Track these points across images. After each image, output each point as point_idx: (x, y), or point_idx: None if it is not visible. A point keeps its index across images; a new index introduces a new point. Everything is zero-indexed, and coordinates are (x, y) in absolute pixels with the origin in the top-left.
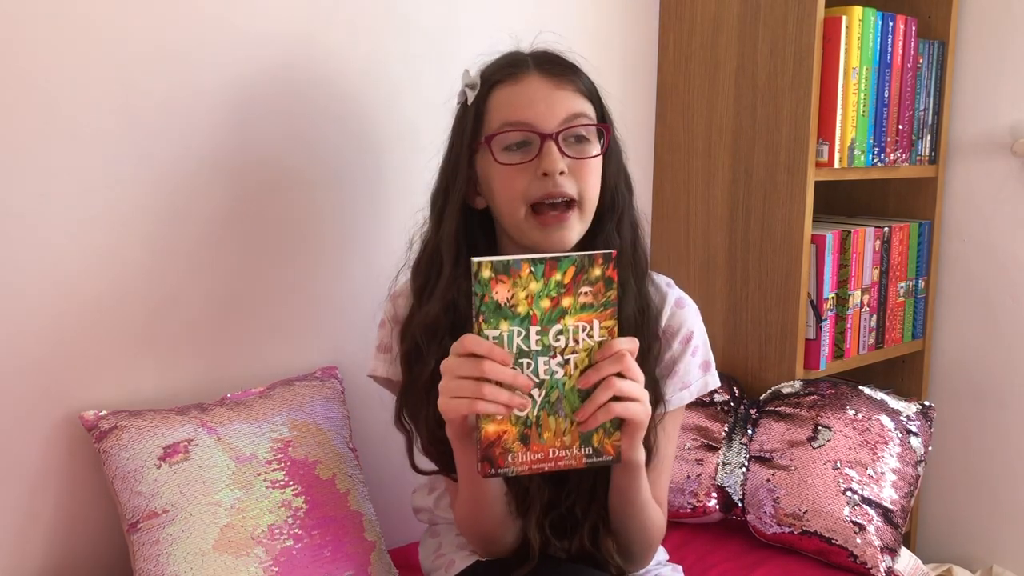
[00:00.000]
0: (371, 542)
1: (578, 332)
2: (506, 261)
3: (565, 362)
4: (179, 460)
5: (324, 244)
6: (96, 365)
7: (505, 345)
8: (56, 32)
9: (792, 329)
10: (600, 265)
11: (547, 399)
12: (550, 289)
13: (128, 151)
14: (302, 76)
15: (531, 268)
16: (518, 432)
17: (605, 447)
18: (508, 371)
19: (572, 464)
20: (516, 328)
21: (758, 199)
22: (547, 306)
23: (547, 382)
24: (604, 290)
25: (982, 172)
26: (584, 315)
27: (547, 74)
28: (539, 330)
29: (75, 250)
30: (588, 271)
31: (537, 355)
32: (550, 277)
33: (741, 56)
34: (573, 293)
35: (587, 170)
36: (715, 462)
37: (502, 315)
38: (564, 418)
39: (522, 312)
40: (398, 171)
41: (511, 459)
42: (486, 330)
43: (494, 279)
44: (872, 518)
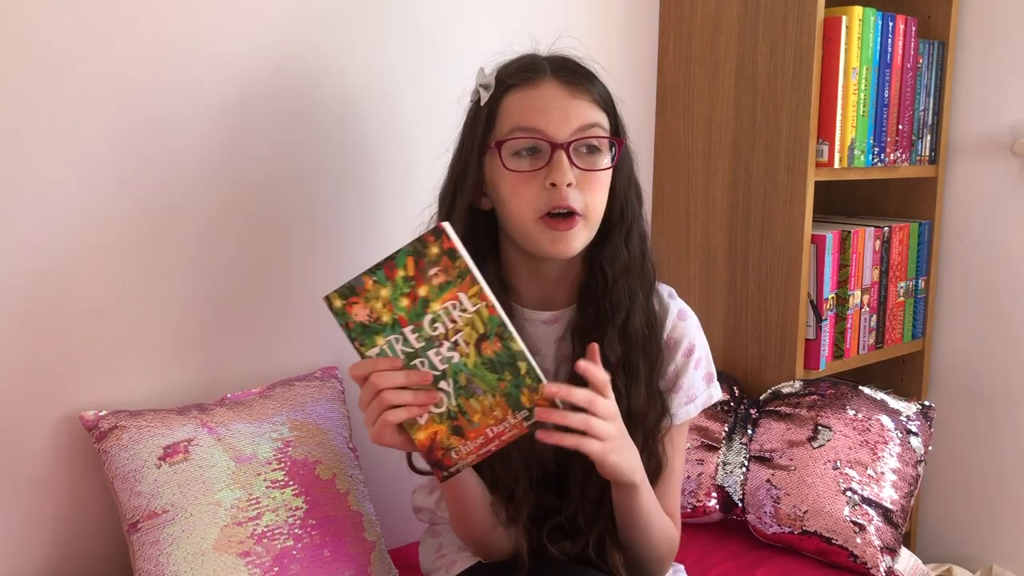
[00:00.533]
0: (371, 542)
1: (450, 312)
2: (350, 283)
3: (455, 344)
4: (179, 460)
5: (324, 244)
6: (96, 365)
7: (388, 356)
8: (55, 32)
9: (792, 329)
10: (433, 243)
11: (458, 385)
12: (400, 287)
13: (128, 151)
14: (302, 76)
15: (373, 278)
16: (448, 428)
17: (538, 403)
18: (398, 374)
19: (516, 433)
20: (391, 337)
21: (758, 199)
22: (407, 304)
23: (448, 370)
24: (451, 263)
25: (982, 172)
26: (446, 294)
27: (564, 81)
28: (413, 328)
29: (75, 250)
30: (426, 254)
31: (425, 351)
32: (394, 277)
33: (741, 56)
34: (424, 280)
35: (596, 182)
36: (715, 462)
37: (372, 332)
38: (484, 394)
39: (388, 320)
40: (398, 171)
41: (455, 455)
42: (367, 352)
43: (347, 304)
44: (872, 518)
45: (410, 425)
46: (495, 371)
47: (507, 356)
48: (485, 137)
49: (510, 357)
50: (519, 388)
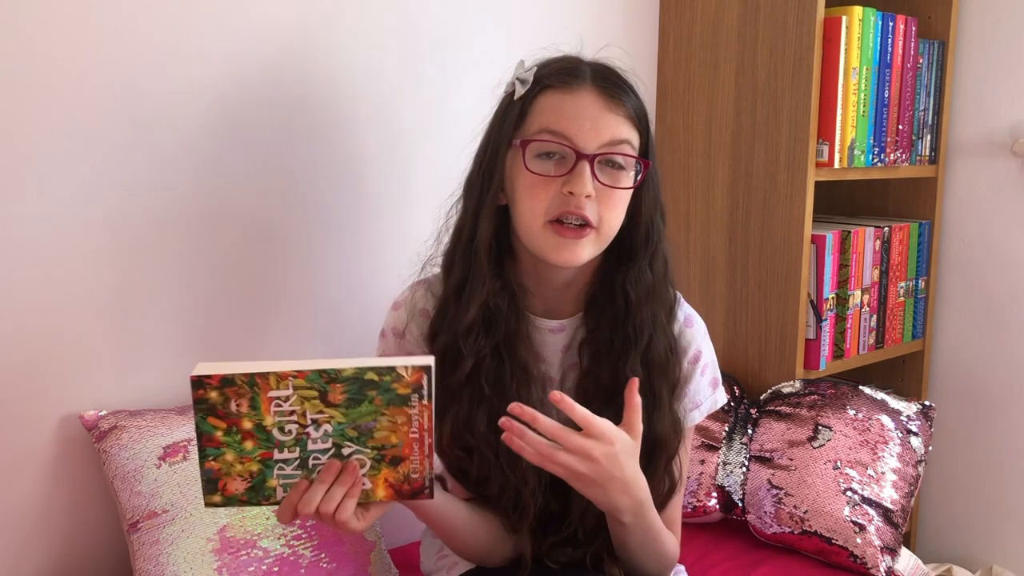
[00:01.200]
0: (371, 542)
1: (282, 410)
2: (205, 479)
3: (315, 422)
4: (179, 460)
5: (324, 244)
6: (96, 365)
7: (281, 488)
8: (52, 33)
9: (792, 329)
10: (205, 393)
11: (355, 438)
12: (233, 439)
13: (127, 152)
14: (302, 76)
15: (211, 458)
16: (389, 468)
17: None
18: (311, 493)
19: (428, 414)
20: (276, 471)
21: (758, 199)
22: (251, 443)
23: (335, 439)
24: (233, 391)
25: (982, 172)
26: (263, 405)
27: (601, 92)
28: (277, 448)
29: (74, 250)
30: (209, 407)
31: (305, 448)
32: (217, 442)
33: (741, 56)
34: (238, 417)
35: (615, 199)
36: (715, 462)
37: (260, 485)
38: (376, 422)
39: (256, 468)
40: (396, 172)
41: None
42: (276, 498)
43: (222, 495)
44: (872, 518)
45: (364, 497)
46: (360, 403)
47: (354, 386)
48: (514, 132)
49: (357, 383)
50: (391, 389)
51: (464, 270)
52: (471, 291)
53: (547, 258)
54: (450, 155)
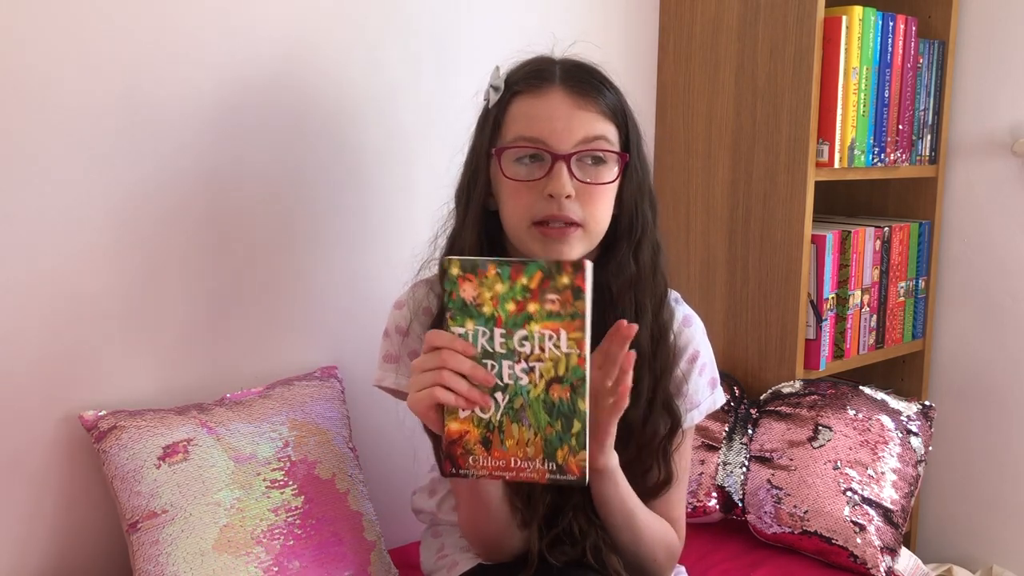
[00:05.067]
0: (371, 542)
1: (544, 340)
2: (474, 261)
3: (530, 369)
4: (178, 460)
5: (324, 243)
6: (96, 365)
7: (470, 342)
8: (54, 33)
9: (792, 329)
10: (568, 273)
11: (511, 405)
12: (516, 292)
13: (128, 151)
14: (302, 76)
15: (497, 269)
16: (480, 435)
17: (569, 465)
18: (467, 361)
19: (534, 478)
20: (481, 328)
21: (758, 199)
22: (512, 309)
23: (511, 387)
24: (572, 299)
25: (982, 172)
26: (550, 323)
27: (571, 91)
28: (504, 332)
29: (74, 250)
30: (556, 278)
31: (502, 358)
32: (516, 280)
33: (741, 56)
34: (539, 299)
35: (597, 195)
36: (715, 462)
37: (468, 313)
38: (528, 428)
39: (487, 312)
40: (397, 172)
41: (472, 461)
42: (452, 327)
43: (461, 277)
44: (872, 518)
45: (449, 411)
46: (550, 415)
47: (568, 409)
48: (492, 141)
49: (571, 411)
50: (562, 442)
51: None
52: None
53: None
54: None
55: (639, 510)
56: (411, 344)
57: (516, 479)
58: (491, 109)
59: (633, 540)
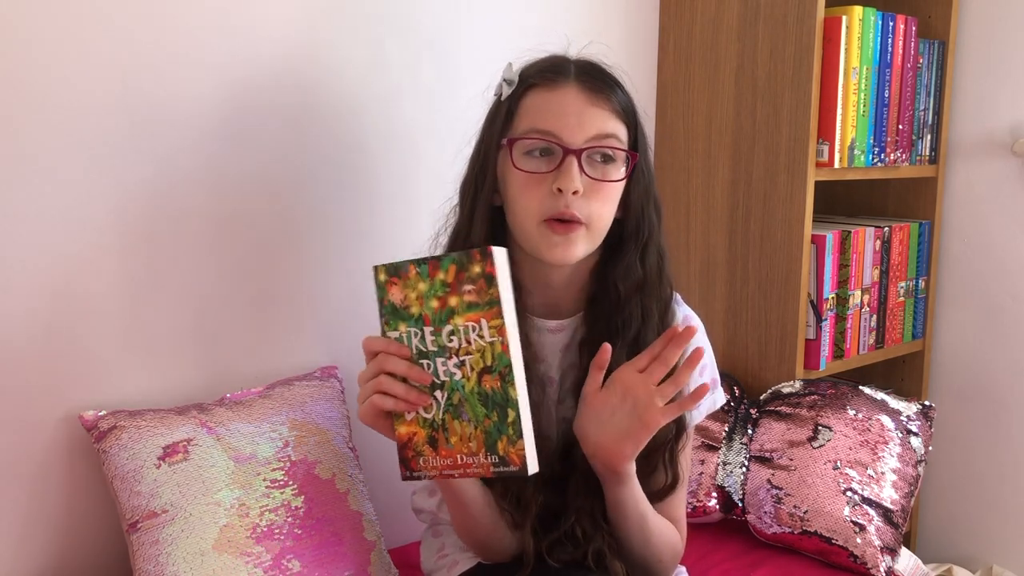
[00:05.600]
0: (371, 542)
1: (468, 332)
2: (396, 264)
3: (461, 363)
4: (178, 460)
5: (324, 243)
6: (96, 365)
7: (404, 344)
8: (55, 33)
9: (792, 329)
10: (478, 262)
11: (450, 401)
12: (436, 289)
13: (128, 152)
14: (301, 76)
15: (417, 269)
16: (427, 435)
17: (510, 456)
18: (402, 363)
19: (480, 472)
20: (412, 329)
21: (758, 199)
22: (436, 306)
23: (447, 383)
24: (486, 287)
25: (982, 172)
26: (471, 314)
27: (585, 87)
28: (432, 330)
29: (74, 250)
30: (468, 269)
31: (435, 356)
32: (435, 276)
33: (741, 56)
34: (457, 292)
35: (605, 193)
36: (715, 462)
37: (399, 316)
38: (468, 423)
39: (415, 313)
40: (397, 171)
41: (422, 463)
42: (387, 332)
43: (388, 281)
44: (872, 518)
45: (397, 416)
46: (485, 406)
47: (501, 398)
48: (503, 133)
49: (504, 400)
50: (500, 433)
51: None
52: None
53: (543, 257)
54: (450, 154)
55: (649, 512)
56: None
57: (465, 475)
58: (503, 102)
59: (643, 542)
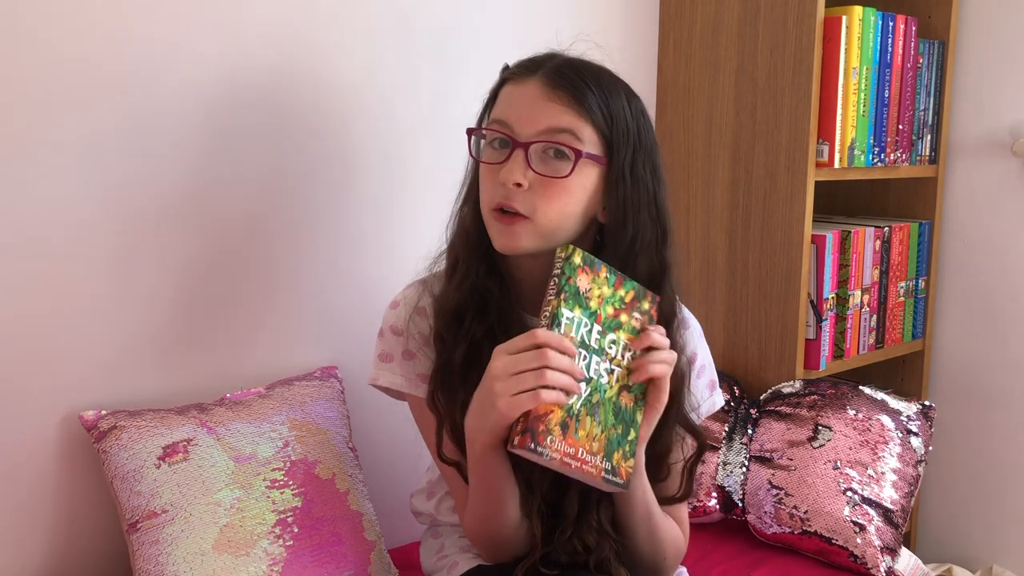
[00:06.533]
0: (371, 542)
1: (624, 349)
2: (592, 258)
3: (611, 371)
4: (178, 460)
5: (324, 244)
6: (96, 365)
7: (574, 329)
8: (55, 33)
9: (792, 329)
10: (649, 301)
11: (589, 398)
12: (615, 300)
13: (128, 151)
14: (300, 76)
15: (607, 274)
16: (561, 417)
17: (621, 469)
18: (568, 360)
19: (592, 473)
20: (584, 319)
21: (758, 199)
22: (610, 312)
23: (593, 382)
24: (647, 324)
25: (982, 172)
26: (632, 337)
27: (548, 82)
28: (600, 330)
29: (74, 251)
30: (641, 301)
31: (593, 352)
32: (617, 290)
33: (741, 56)
34: (629, 313)
35: (552, 189)
36: (715, 462)
37: (578, 302)
38: (598, 424)
39: (593, 307)
40: (397, 171)
41: (549, 441)
42: (563, 308)
43: (581, 268)
44: (872, 518)
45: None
46: (616, 417)
47: (629, 417)
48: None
49: (631, 420)
50: (619, 446)
51: (456, 253)
52: (461, 271)
53: (495, 245)
54: (448, 155)
55: (656, 509)
56: (406, 343)
57: (579, 470)
58: (488, 96)
59: (648, 535)
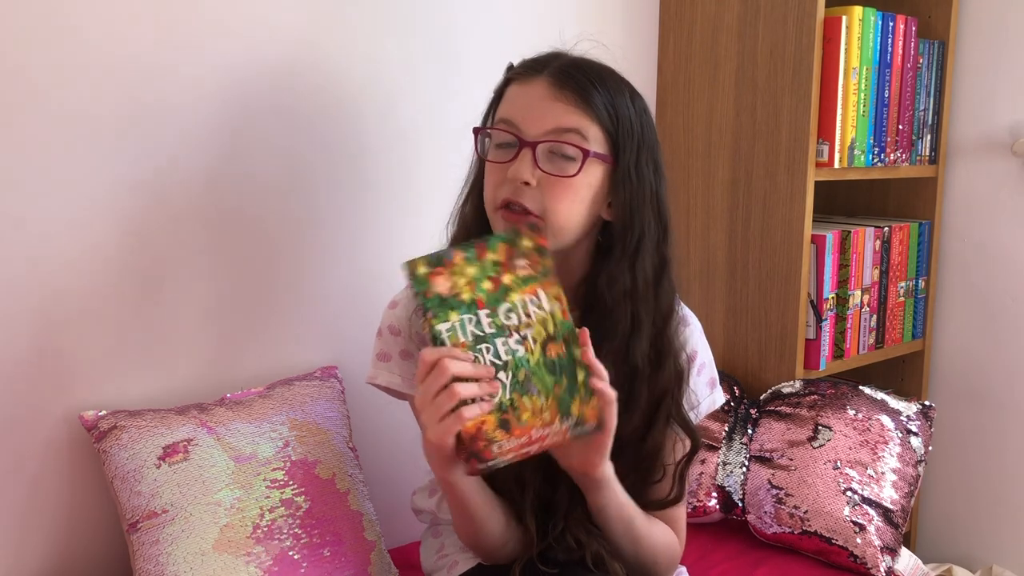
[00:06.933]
0: (371, 542)
1: (527, 305)
2: (437, 254)
3: (523, 339)
4: (179, 460)
5: (324, 244)
6: (96, 365)
7: (458, 334)
8: (55, 33)
9: (792, 329)
10: (528, 236)
11: (515, 379)
12: (488, 269)
13: (129, 152)
14: (301, 77)
15: (464, 254)
16: (496, 420)
17: (586, 414)
18: (468, 365)
19: (557, 440)
20: (466, 316)
21: (758, 199)
22: (490, 287)
23: (511, 362)
24: (539, 259)
25: (982, 172)
26: (528, 287)
27: (555, 82)
28: (488, 312)
29: (75, 251)
30: (518, 244)
31: (493, 337)
32: (484, 258)
33: (741, 56)
34: (510, 268)
35: (561, 188)
36: (715, 462)
37: (448, 306)
38: (538, 395)
39: (467, 299)
40: (398, 172)
41: (496, 449)
42: (436, 324)
43: (431, 273)
44: (872, 518)
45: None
46: (554, 374)
47: (568, 362)
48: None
49: (571, 363)
50: (572, 395)
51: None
52: None
53: None
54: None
55: (637, 516)
56: (404, 343)
57: (542, 450)
58: (493, 95)
59: (632, 545)
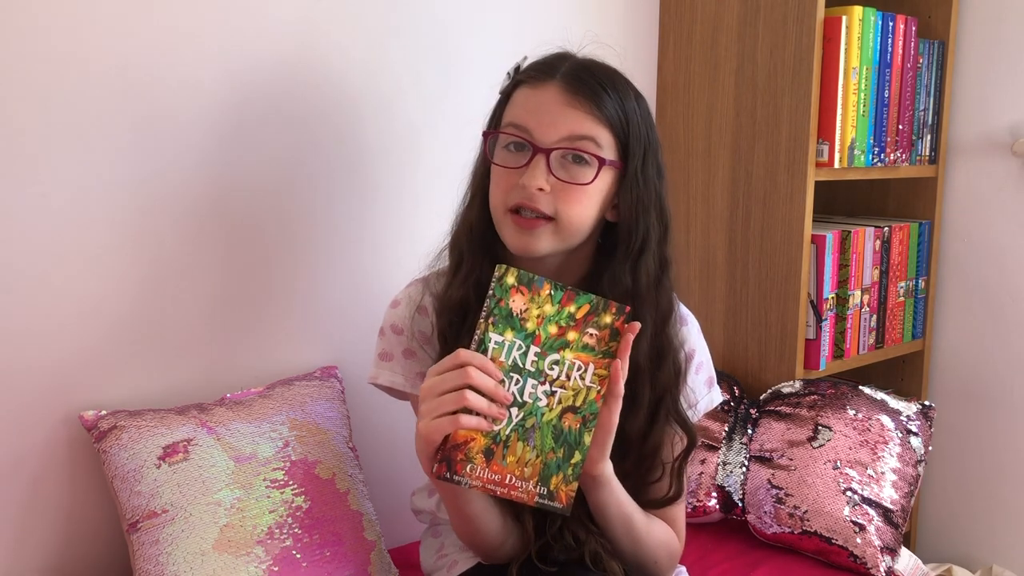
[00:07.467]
0: (371, 542)
1: (572, 369)
2: (531, 275)
3: (551, 393)
4: (179, 460)
5: (324, 244)
6: (96, 365)
7: (504, 354)
8: (57, 33)
9: (792, 329)
10: (612, 314)
11: (522, 423)
12: (561, 317)
13: (128, 152)
14: (302, 77)
15: (551, 291)
16: (485, 444)
17: (560, 493)
18: (491, 381)
19: (523, 498)
20: (519, 341)
21: (758, 199)
22: (553, 332)
23: (528, 406)
24: (608, 339)
25: (982, 172)
26: (583, 355)
27: (568, 88)
28: (538, 352)
29: (75, 251)
30: (600, 315)
31: (528, 375)
32: (565, 307)
33: (741, 56)
34: (580, 330)
35: (574, 195)
36: (715, 462)
37: (510, 324)
38: (532, 449)
39: (530, 328)
40: (398, 172)
41: (468, 470)
42: (491, 332)
43: (515, 288)
44: (872, 518)
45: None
46: (556, 441)
47: (575, 439)
48: (491, 126)
49: (576, 442)
50: (559, 469)
51: (460, 251)
52: (465, 268)
53: (509, 246)
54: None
55: (636, 515)
56: (407, 342)
57: (505, 496)
58: (501, 96)
59: (632, 544)
